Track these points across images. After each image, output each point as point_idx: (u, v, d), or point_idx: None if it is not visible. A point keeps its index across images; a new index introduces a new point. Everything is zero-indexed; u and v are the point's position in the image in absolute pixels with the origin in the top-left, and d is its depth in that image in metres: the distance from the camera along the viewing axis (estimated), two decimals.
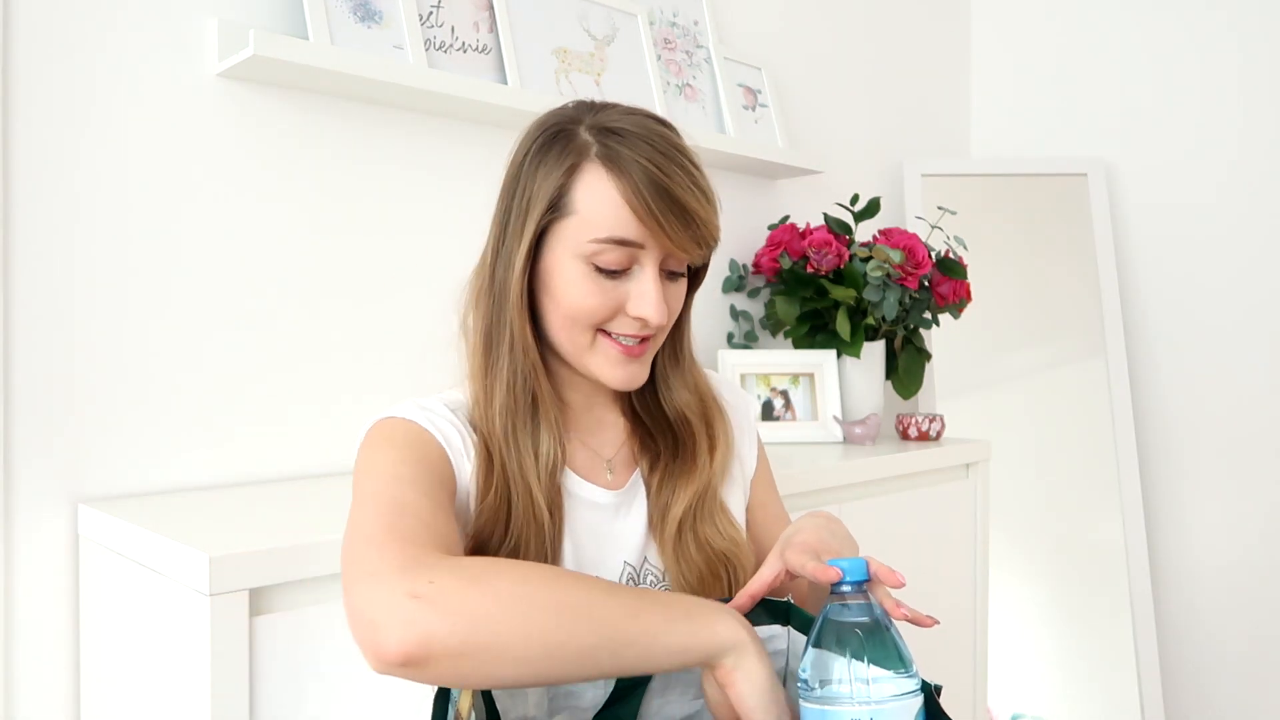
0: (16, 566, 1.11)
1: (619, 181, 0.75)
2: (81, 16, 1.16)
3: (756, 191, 2.02)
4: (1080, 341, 2.30)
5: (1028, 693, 2.23)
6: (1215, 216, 2.24)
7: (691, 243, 0.77)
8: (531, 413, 0.80)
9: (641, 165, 0.75)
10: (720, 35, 1.94)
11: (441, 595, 0.58)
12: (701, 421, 0.88)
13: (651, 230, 0.75)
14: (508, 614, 0.58)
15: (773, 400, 1.81)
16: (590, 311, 0.78)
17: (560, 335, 0.80)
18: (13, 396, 1.11)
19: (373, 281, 1.41)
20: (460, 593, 0.59)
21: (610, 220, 0.75)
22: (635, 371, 0.81)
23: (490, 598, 0.59)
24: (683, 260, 0.81)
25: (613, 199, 0.75)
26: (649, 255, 0.77)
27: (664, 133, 0.79)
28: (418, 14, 1.39)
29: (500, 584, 0.60)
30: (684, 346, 0.90)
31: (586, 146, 0.77)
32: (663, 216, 0.75)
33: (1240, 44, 2.21)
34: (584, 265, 0.77)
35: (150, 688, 0.97)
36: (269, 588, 0.90)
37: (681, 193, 0.75)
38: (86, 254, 1.16)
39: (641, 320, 0.78)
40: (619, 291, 0.78)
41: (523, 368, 0.80)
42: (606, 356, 0.79)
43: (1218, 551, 2.24)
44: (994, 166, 2.40)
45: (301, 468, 1.33)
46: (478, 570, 0.61)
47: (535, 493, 0.78)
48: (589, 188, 0.76)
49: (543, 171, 0.78)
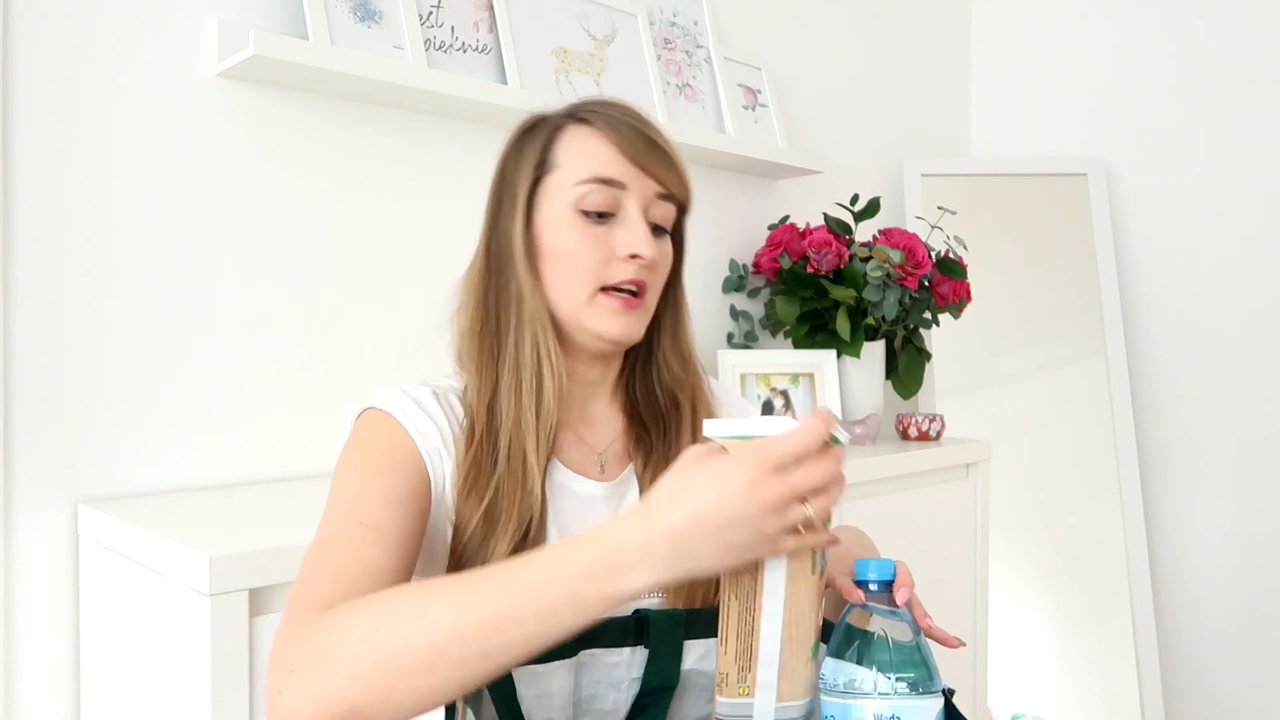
0: (16, 566, 1.11)
1: (596, 129, 0.81)
2: (81, 17, 1.16)
3: (756, 191, 2.03)
4: (1080, 341, 2.31)
5: (1028, 693, 2.23)
6: (1215, 216, 2.24)
7: (672, 181, 0.82)
8: (538, 375, 0.80)
9: (615, 117, 0.81)
10: (720, 35, 1.94)
11: (296, 683, 0.60)
12: (690, 405, 0.88)
13: (637, 162, 0.80)
14: (366, 666, 0.59)
15: (773, 400, 1.81)
16: (584, 259, 0.79)
17: (559, 295, 0.81)
18: (13, 396, 1.11)
19: (373, 281, 1.41)
20: (312, 672, 0.60)
21: (592, 161, 0.80)
22: (633, 322, 0.81)
23: (342, 665, 0.59)
24: (664, 208, 0.83)
25: (592, 143, 0.80)
26: (632, 197, 0.80)
27: (637, 107, 0.85)
28: (418, 14, 1.39)
29: (354, 639, 0.60)
30: (681, 319, 0.90)
31: (563, 119, 0.83)
32: (644, 152, 0.80)
33: (1240, 44, 2.21)
34: (572, 214, 0.80)
35: (150, 688, 0.97)
36: (269, 588, 0.90)
37: (655, 136, 0.81)
38: (86, 254, 1.16)
39: (635, 258, 0.79)
40: (609, 238, 0.80)
41: (532, 328, 0.80)
42: (605, 308, 0.80)
43: (1218, 551, 2.24)
44: (994, 166, 2.40)
45: (301, 468, 1.33)
46: (334, 635, 0.61)
47: (531, 459, 0.78)
48: (568, 144, 0.81)
49: (526, 152, 0.83)
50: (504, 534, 0.76)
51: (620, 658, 0.74)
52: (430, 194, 1.47)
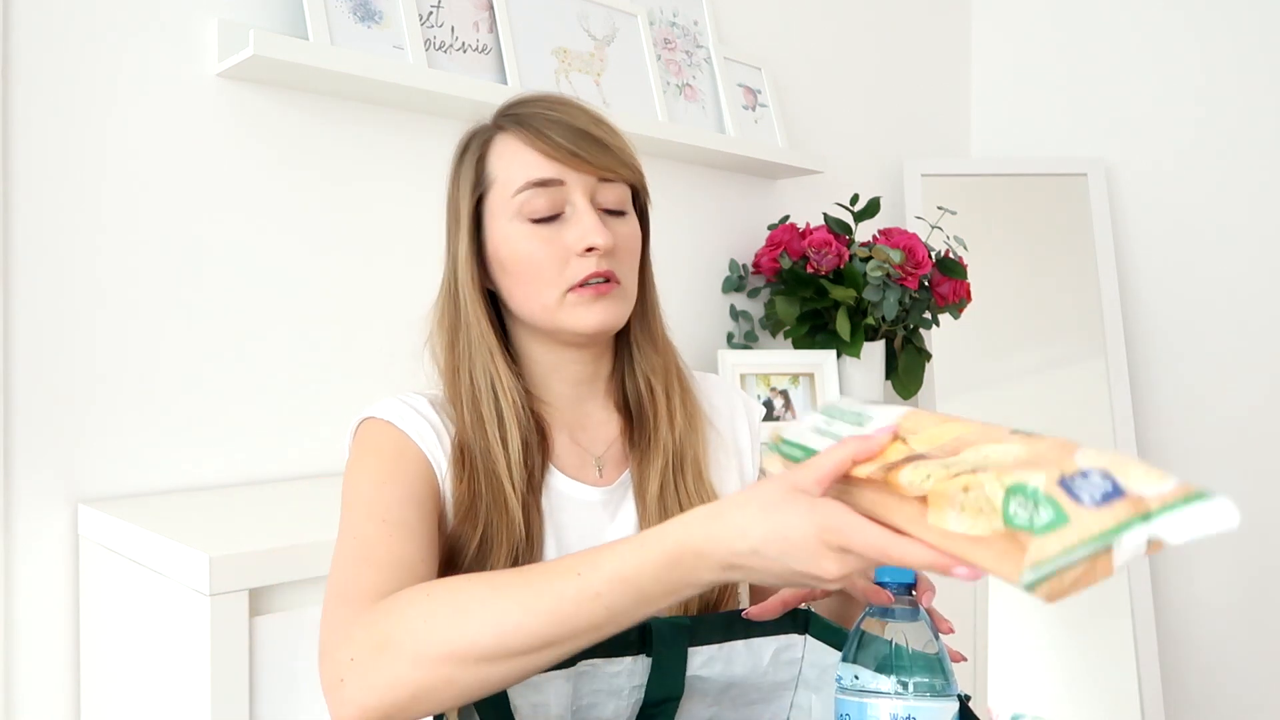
0: (16, 566, 1.11)
1: (521, 134, 0.79)
2: (81, 17, 1.16)
3: (756, 191, 2.02)
4: (1080, 341, 2.30)
5: (1028, 693, 2.23)
6: (1215, 216, 2.24)
7: (609, 164, 0.79)
8: (494, 402, 0.80)
9: (538, 113, 0.80)
10: (720, 35, 1.94)
11: (359, 671, 0.61)
12: (663, 391, 0.86)
13: (565, 162, 0.78)
14: (430, 652, 0.60)
15: (773, 400, 1.80)
16: (541, 266, 0.78)
17: (529, 307, 0.80)
18: (13, 396, 1.11)
19: (373, 281, 1.41)
20: (375, 659, 0.60)
21: (522, 168, 0.79)
22: (609, 308, 0.80)
23: (409, 651, 0.60)
24: (613, 190, 0.81)
25: (520, 149, 0.79)
26: (575, 191, 0.79)
27: (563, 97, 0.83)
28: (418, 14, 1.39)
29: (418, 626, 0.61)
30: (649, 301, 0.88)
31: (489, 130, 0.83)
32: (571, 145, 0.78)
33: (1240, 44, 2.21)
34: (519, 224, 0.79)
35: (150, 688, 0.97)
36: (269, 588, 0.90)
37: (581, 123, 0.79)
38: (86, 254, 1.16)
39: (590, 249, 0.78)
40: (561, 237, 0.79)
41: (480, 353, 0.81)
42: (577, 304, 0.79)
43: (1218, 551, 2.24)
44: (994, 166, 2.40)
45: (301, 468, 1.33)
46: (394, 623, 0.62)
47: (507, 487, 0.78)
48: (498, 154, 0.81)
49: (463, 174, 0.83)
50: (498, 560, 0.77)
51: (621, 666, 0.73)
52: (431, 194, 1.47)
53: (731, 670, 0.76)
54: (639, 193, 0.85)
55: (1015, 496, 0.44)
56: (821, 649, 0.76)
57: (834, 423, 0.60)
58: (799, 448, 0.60)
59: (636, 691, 0.74)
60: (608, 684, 0.73)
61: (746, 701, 0.78)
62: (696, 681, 0.76)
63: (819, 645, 0.76)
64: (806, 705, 0.78)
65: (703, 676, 0.76)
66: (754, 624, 0.76)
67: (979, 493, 0.46)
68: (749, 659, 0.77)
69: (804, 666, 0.78)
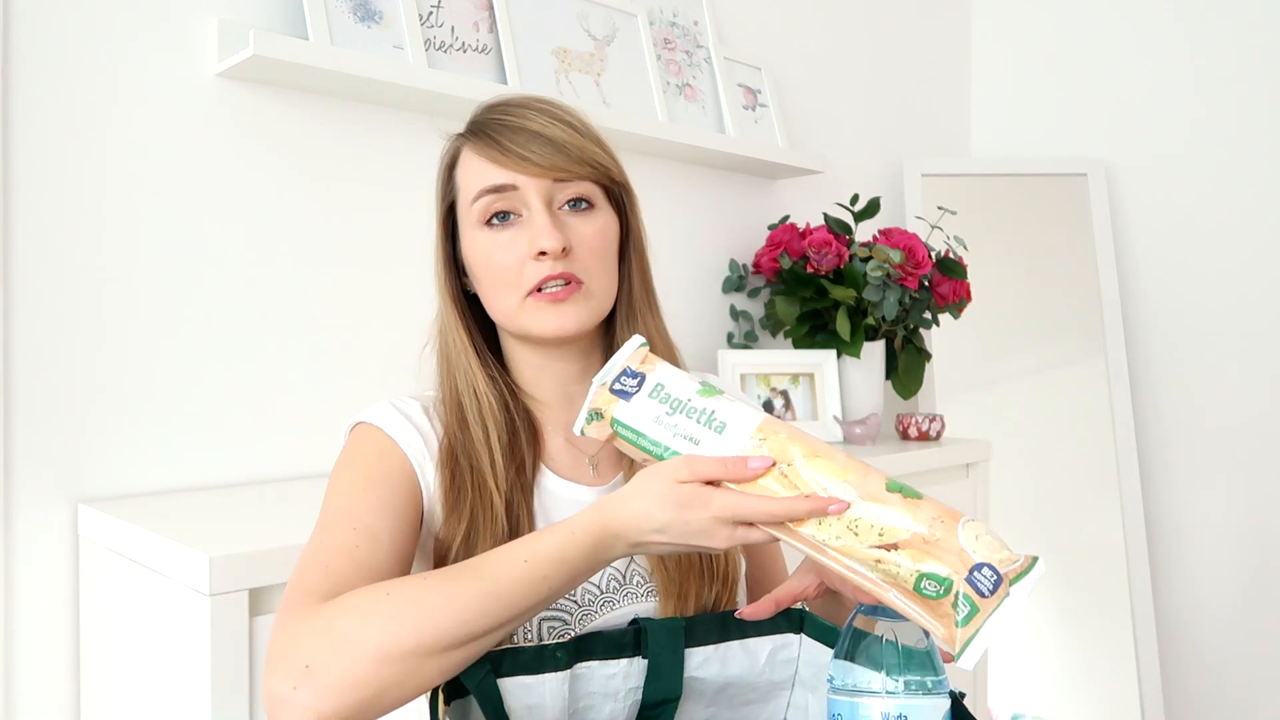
0: (16, 566, 1.11)
1: (475, 144, 0.81)
2: (81, 17, 1.16)
3: (756, 191, 2.03)
4: (1080, 341, 2.30)
5: (1028, 693, 2.23)
6: (1215, 216, 2.24)
7: (559, 163, 0.78)
8: (475, 402, 0.82)
9: (493, 119, 0.81)
10: (720, 35, 1.94)
11: (314, 677, 0.60)
12: None
13: (514, 166, 0.78)
14: (394, 647, 0.61)
15: (773, 400, 1.81)
16: (497, 270, 0.79)
17: (497, 309, 0.82)
18: (13, 396, 1.11)
19: (374, 281, 1.41)
20: (332, 661, 0.60)
21: (476, 176, 0.80)
22: (566, 313, 0.79)
23: (371, 647, 0.61)
24: (573, 188, 0.80)
25: (474, 158, 0.81)
26: (530, 193, 0.79)
27: (528, 98, 0.83)
28: (418, 14, 1.39)
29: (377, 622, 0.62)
30: (635, 295, 0.87)
31: (458, 141, 0.84)
32: (520, 149, 0.78)
33: (1239, 44, 2.20)
34: (480, 231, 0.81)
35: (150, 688, 0.98)
36: (269, 588, 0.90)
37: (536, 125, 0.79)
38: (86, 254, 1.16)
39: (541, 253, 0.77)
40: (519, 241, 0.79)
41: (458, 356, 0.83)
42: (535, 309, 0.79)
43: (1218, 551, 2.24)
44: (994, 166, 2.40)
45: (301, 468, 1.34)
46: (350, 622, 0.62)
47: (490, 484, 0.78)
48: (461, 165, 0.83)
49: (439, 185, 0.86)
50: (481, 545, 0.77)
51: (617, 668, 0.73)
52: (430, 194, 1.47)
53: (728, 671, 0.76)
54: (616, 189, 0.84)
55: (927, 580, 0.58)
56: (817, 648, 0.76)
57: (675, 416, 0.65)
58: (634, 432, 0.67)
59: (633, 693, 0.74)
60: (603, 686, 0.73)
61: (743, 701, 0.79)
62: (693, 682, 0.76)
63: (814, 644, 0.76)
64: (803, 704, 0.78)
65: (699, 677, 0.76)
66: (749, 624, 0.76)
67: (890, 567, 0.59)
68: (745, 659, 0.77)
69: (800, 666, 0.78)
